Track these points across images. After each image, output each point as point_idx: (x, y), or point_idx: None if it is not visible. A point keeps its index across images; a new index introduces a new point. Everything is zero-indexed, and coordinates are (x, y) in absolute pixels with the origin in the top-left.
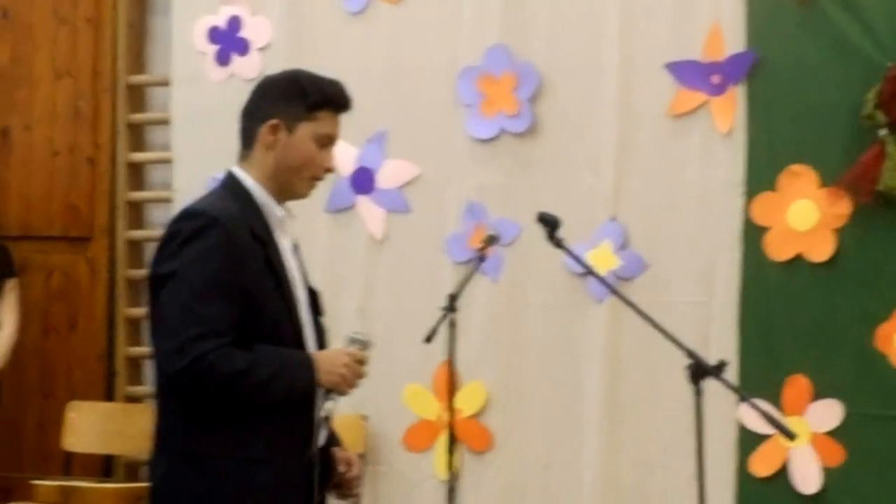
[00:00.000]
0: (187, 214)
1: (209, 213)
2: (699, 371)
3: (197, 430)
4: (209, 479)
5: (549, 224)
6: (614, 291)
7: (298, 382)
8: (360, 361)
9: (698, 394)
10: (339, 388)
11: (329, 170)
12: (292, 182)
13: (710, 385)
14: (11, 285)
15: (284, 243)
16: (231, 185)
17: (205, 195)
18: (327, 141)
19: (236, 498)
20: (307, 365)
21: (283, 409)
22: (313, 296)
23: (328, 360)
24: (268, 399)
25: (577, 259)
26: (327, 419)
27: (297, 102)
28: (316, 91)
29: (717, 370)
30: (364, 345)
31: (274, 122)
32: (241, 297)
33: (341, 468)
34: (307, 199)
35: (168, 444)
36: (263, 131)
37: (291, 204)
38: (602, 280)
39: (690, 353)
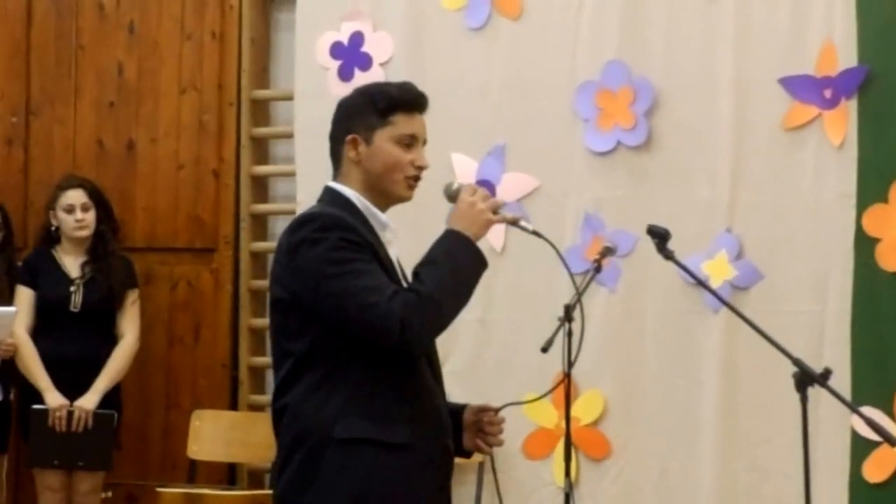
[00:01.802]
0: (302, 221)
1: (324, 214)
2: (805, 379)
3: (346, 419)
4: (350, 464)
5: (659, 236)
6: (721, 300)
7: (466, 256)
8: (474, 192)
9: (804, 401)
10: (491, 220)
11: (421, 167)
12: (387, 187)
13: (824, 392)
14: (133, 297)
15: (391, 252)
16: (330, 197)
17: (308, 208)
18: (410, 141)
19: (376, 482)
20: (457, 237)
21: (425, 396)
22: None
23: (460, 217)
24: (465, 290)
25: (687, 270)
26: (536, 231)
27: (368, 113)
28: (383, 98)
29: (822, 378)
30: (462, 186)
31: (351, 137)
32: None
33: (491, 408)
34: (429, 211)
35: (307, 441)
36: (346, 150)
37: (411, 218)
38: (710, 290)
39: (796, 362)
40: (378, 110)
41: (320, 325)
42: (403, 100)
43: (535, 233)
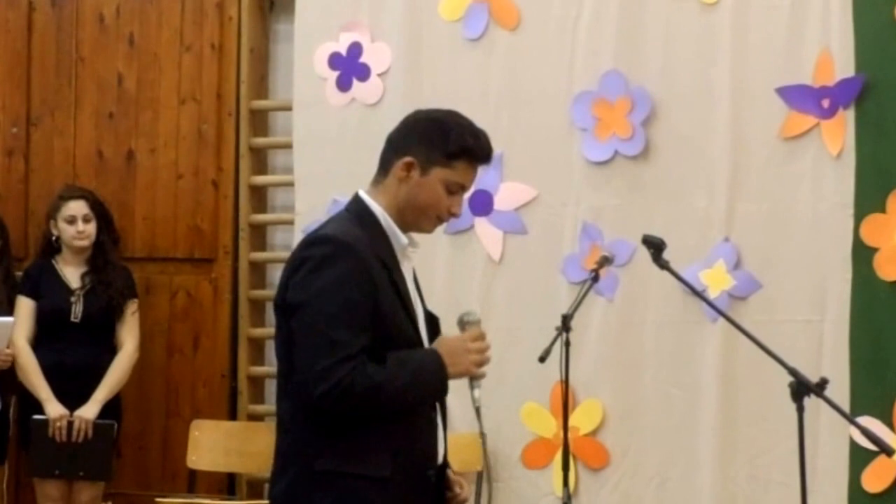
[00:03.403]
0: (316, 240)
1: (338, 239)
2: (801, 389)
3: (327, 448)
4: (330, 495)
5: (654, 246)
6: (717, 310)
7: (432, 384)
8: (479, 338)
9: (800, 411)
10: (471, 372)
11: (454, 215)
12: (416, 219)
13: (823, 402)
14: (133, 307)
15: (406, 269)
16: (357, 209)
17: (330, 219)
18: (457, 189)
19: None
20: (437, 363)
21: (409, 425)
22: (432, 320)
23: (450, 351)
24: (406, 404)
25: (683, 280)
26: (478, 409)
27: (437, 148)
28: (457, 141)
29: (819, 388)
30: (476, 323)
31: (409, 160)
32: (373, 320)
33: (456, 489)
34: None
35: (294, 462)
36: (398, 166)
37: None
38: (706, 300)
39: (792, 371)
40: (447, 151)
41: None
42: (474, 152)
43: (476, 409)
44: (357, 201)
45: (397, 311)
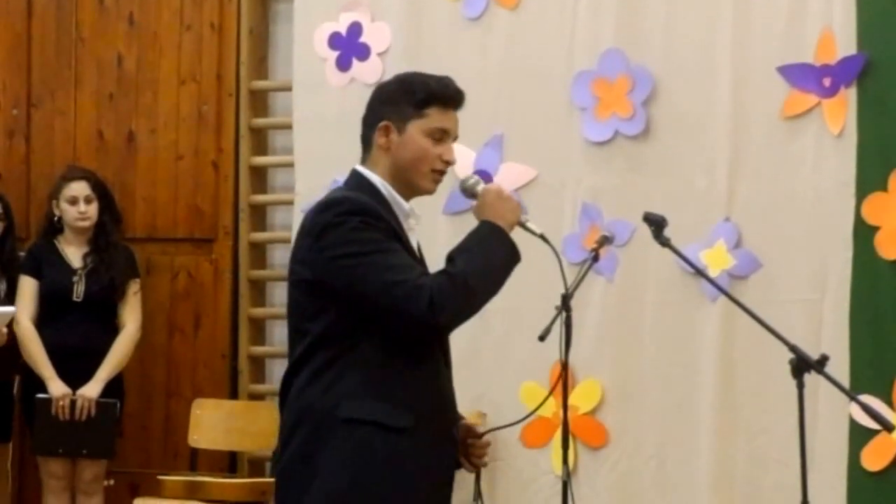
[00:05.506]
0: (328, 203)
1: (351, 198)
2: (801, 365)
3: (353, 398)
4: (350, 444)
5: (655, 224)
6: (717, 286)
7: (501, 247)
8: (499, 187)
9: (801, 387)
10: (518, 213)
11: (448, 162)
12: (412, 178)
13: (822, 381)
14: (135, 287)
15: (412, 239)
16: (356, 182)
17: (333, 190)
18: (441, 135)
19: (375, 464)
20: (490, 228)
21: (431, 378)
22: None
23: (495, 206)
24: (496, 279)
25: (684, 257)
26: (543, 235)
27: (405, 103)
28: (422, 89)
29: (819, 364)
30: (479, 181)
31: (384, 124)
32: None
33: (477, 430)
34: (426, 202)
35: (314, 414)
36: (376, 135)
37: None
38: (706, 276)
39: (793, 348)
40: (415, 101)
41: (339, 307)
42: (441, 94)
43: (541, 236)
44: (355, 175)
45: None
